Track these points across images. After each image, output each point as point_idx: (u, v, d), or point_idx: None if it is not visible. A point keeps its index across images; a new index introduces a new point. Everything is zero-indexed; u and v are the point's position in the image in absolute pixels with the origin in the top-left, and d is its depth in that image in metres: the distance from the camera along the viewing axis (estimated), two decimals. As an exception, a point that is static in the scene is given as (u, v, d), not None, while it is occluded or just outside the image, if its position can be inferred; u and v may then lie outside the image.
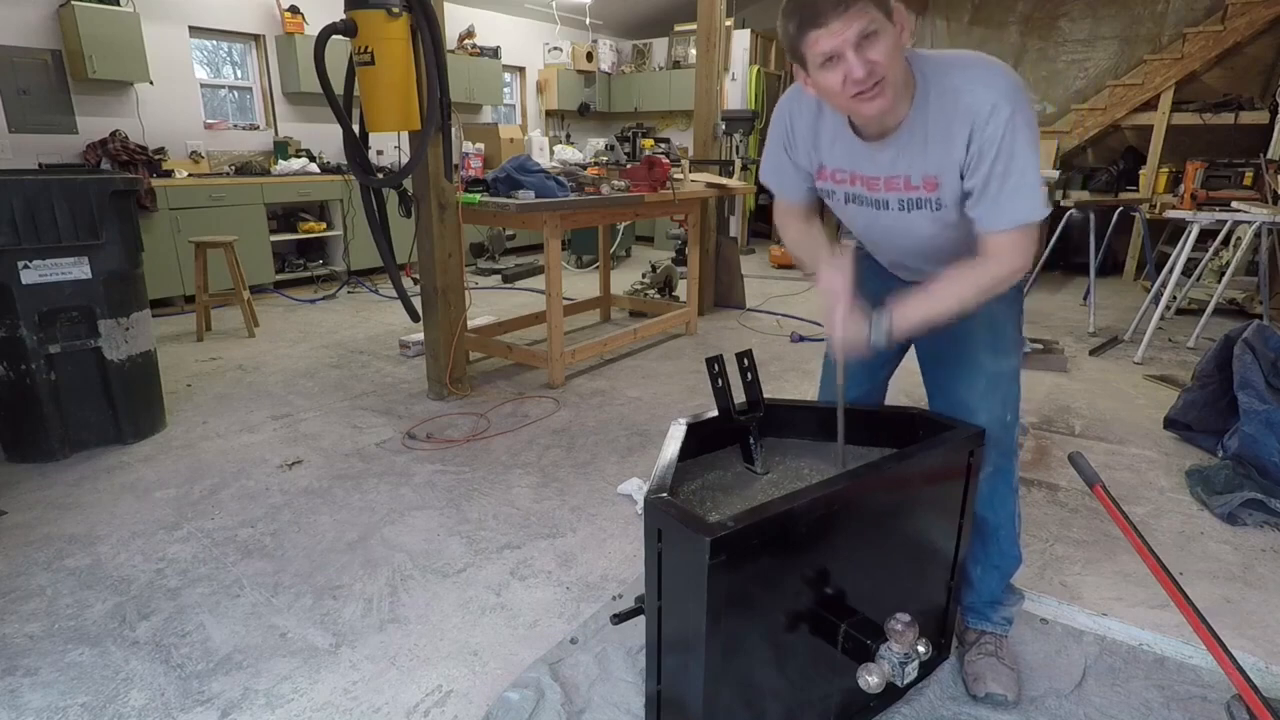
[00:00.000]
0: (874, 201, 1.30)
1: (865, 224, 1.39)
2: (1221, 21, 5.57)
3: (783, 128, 1.37)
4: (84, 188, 2.47)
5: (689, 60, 8.09)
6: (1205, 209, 4.23)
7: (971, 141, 1.14)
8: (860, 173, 1.29)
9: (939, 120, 1.16)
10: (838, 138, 1.29)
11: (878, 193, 1.29)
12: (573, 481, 2.47)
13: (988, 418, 1.38)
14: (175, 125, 5.35)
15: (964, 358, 1.40)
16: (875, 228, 1.38)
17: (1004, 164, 1.14)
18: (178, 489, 2.40)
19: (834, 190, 1.36)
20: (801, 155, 1.36)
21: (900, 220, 1.29)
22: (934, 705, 1.46)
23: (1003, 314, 1.38)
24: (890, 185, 1.26)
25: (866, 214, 1.34)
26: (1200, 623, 1.14)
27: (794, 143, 1.36)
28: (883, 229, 1.36)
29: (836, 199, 1.37)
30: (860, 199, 1.32)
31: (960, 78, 1.15)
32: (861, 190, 1.31)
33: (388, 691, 1.51)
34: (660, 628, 1.15)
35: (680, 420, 1.37)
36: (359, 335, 4.37)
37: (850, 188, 1.32)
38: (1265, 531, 2.12)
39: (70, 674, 1.55)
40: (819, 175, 1.37)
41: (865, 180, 1.29)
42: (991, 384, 1.39)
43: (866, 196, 1.31)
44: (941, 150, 1.18)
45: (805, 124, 1.33)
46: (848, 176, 1.31)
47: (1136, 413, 3.07)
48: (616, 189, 3.68)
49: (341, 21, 2.63)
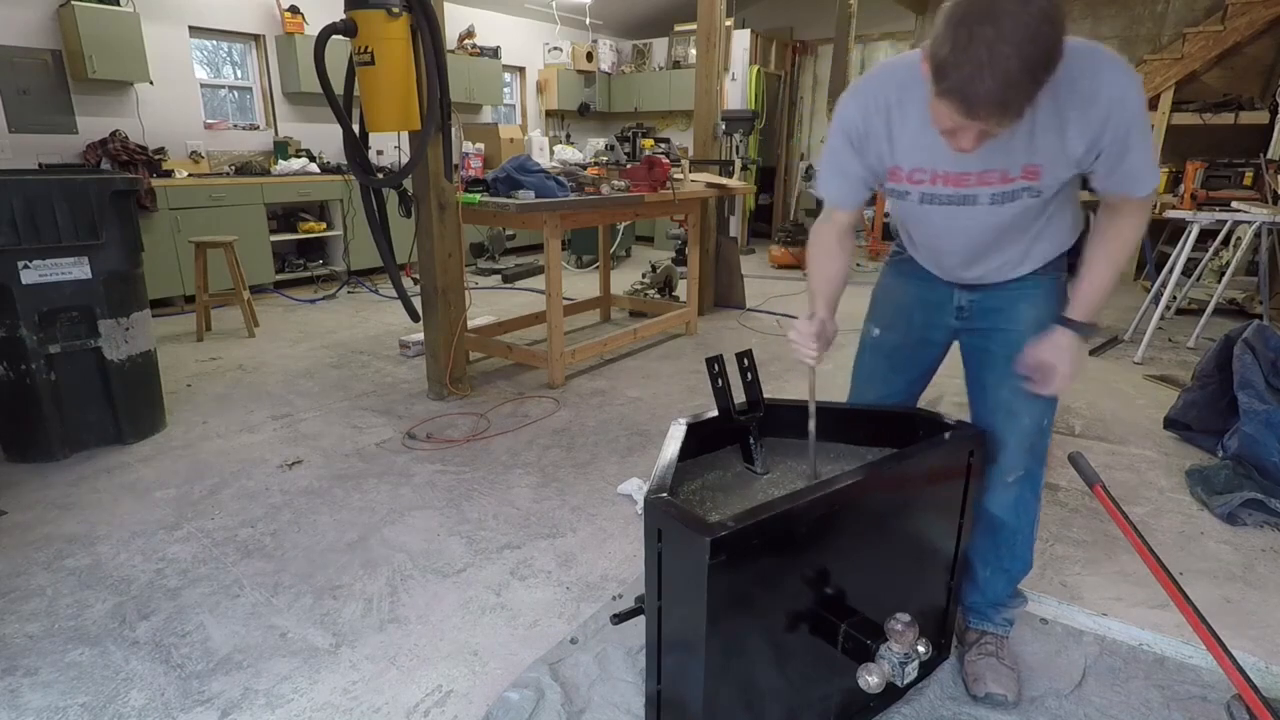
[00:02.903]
0: (960, 198, 1.24)
1: (942, 223, 1.31)
2: (1221, 21, 5.57)
3: (852, 125, 1.28)
4: (84, 188, 2.47)
5: (689, 60, 8.09)
6: (1205, 209, 4.23)
7: (1108, 123, 1.12)
8: (945, 170, 1.22)
9: (1049, 108, 1.11)
10: (923, 132, 1.19)
11: (966, 188, 1.23)
12: (573, 481, 2.46)
13: (1029, 421, 1.38)
14: (175, 125, 5.35)
15: (1011, 361, 1.37)
16: (953, 227, 1.31)
17: (1140, 136, 1.15)
18: (178, 489, 2.40)
19: (909, 191, 1.29)
20: (872, 155, 1.28)
21: (988, 215, 1.25)
22: (934, 705, 1.46)
23: (1051, 317, 1.36)
24: (984, 180, 1.21)
25: (945, 213, 1.28)
26: (1200, 623, 1.14)
27: (865, 143, 1.28)
28: (961, 227, 1.29)
29: (910, 200, 1.30)
30: (941, 198, 1.26)
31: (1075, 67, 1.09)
32: (944, 189, 1.25)
33: (388, 691, 1.51)
34: (660, 628, 1.15)
35: (680, 420, 1.37)
36: (359, 335, 4.37)
37: (929, 187, 1.26)
38: (1265, 531, 2.12)
39: (70, 674, 1.55)
40: (891, 176, 1.29)
41: (953, 177, 1.23)
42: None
43: (950, 194, 1.25)
44: (1052, 138, 1.14)
45: (880, 122, 1.25)
46: (928, 175, 1.25)
47: (1136, 413, 3.07)
48: (616, 189, 3.68)
49: (341, 21, 2.63)
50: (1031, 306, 1.38)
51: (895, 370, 1.56)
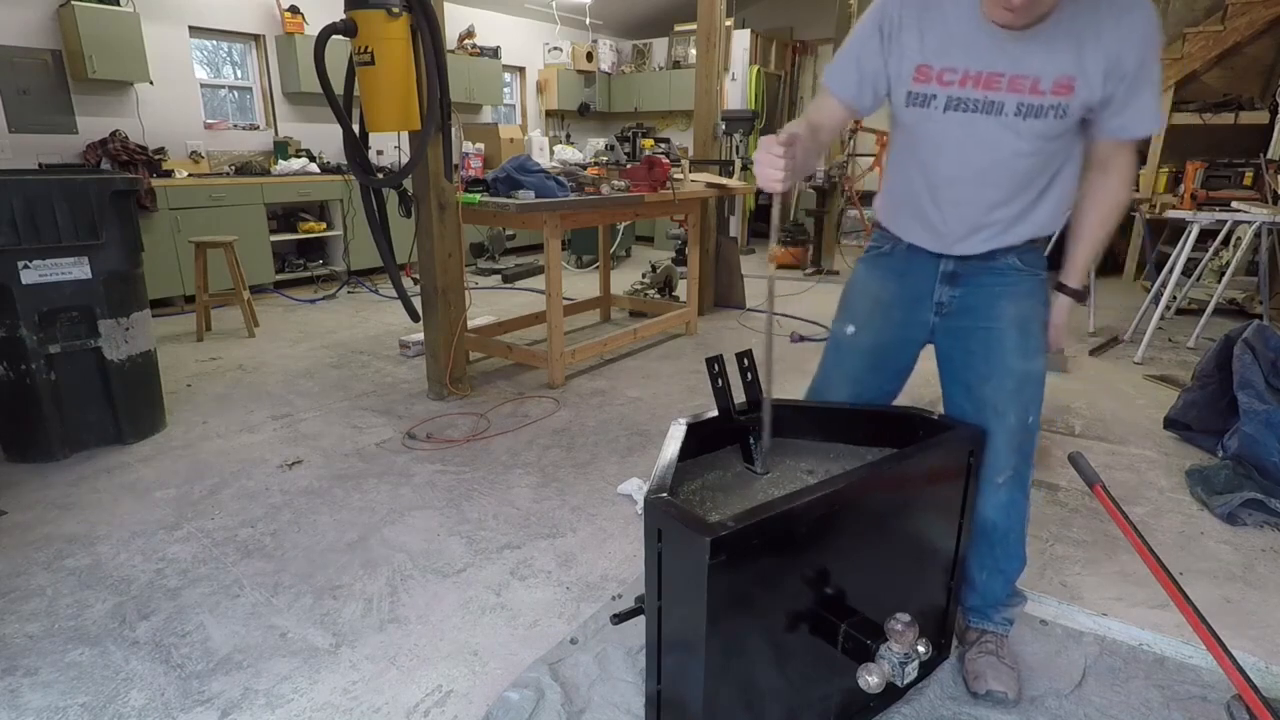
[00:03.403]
0: (986, 104, 1.21)
1: (959, 143, 1.27)
2: (1221, 21, 5.57)
3: (891, 11, 1.25)
4: (84, 188, 2.47)
5: (689, 60, 8.09)
6: (1205, 209, 4.22)
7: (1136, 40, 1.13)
8: (978, 70, 1.20)
9: (1092, 18, 1.13)
10: (960, 26, 1.19)
11: (996, 92, 1.20)
12: (573, 481, 2.46)
13: (1015, 420, 1.37)
14: (175, 125, 5.35)
15: (993, 359, 1.37)
16: (968, 149, 1.26)
17: (1153, 69, 1.17)
18: (178, 489, 2.40)
19: (935, 94, 1.24)
20: (901, 48, 1.25)
21: (1006, 128, 1.22)
22: (934, 705, 1.46)
23: (1032, 315, 1.37)
24: (1014, 85, 1.18)
25: (965, 121, 1.23)
26: (1200, 623, 1.14)
27: (898, 33, 1.24)
28: (976, 141, 1.25)
29: (933, 107, 1.25)
30: (968, 103, 1.22)
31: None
32: (973, 92, 1.21)
33: (388, 691, 1.51)
34: (660, 628, 1.15)
35: (680, 420, 1.37)
36: (359, 335, 4.37)
37: (959, 90, 1.22)
38: (1265, 531, 2.12)
39: (70, 674, 1.55)
40: (917, 77, 1.25)
41: (984, 78, 1.20)
42: (1019, 385, 1.37)
43: (978, 99, 1.21)
44: (1093, 49, 1.14)
45: (914, 14, 1.23)
46: (959, 75, 1.21)
47: (1136, 413, 3.07)
48: (616, 189, 3.68)
49: (341, 21, 2.63)
50: (1012, 303, 1.37)
51: (872, 369, 1.51)
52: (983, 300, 1.39)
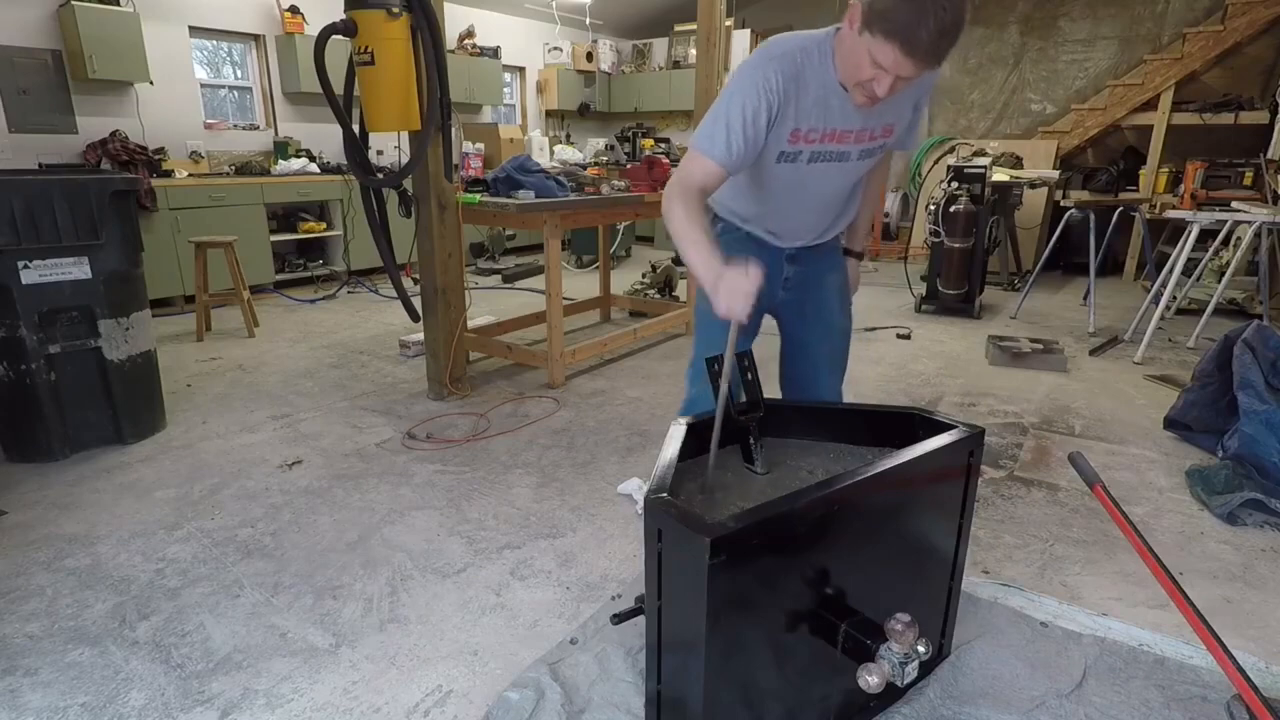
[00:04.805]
0: (839, 155, 1.46)
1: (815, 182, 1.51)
2: (1221, 21, 5.57)
3: (773, 90, 1.35)
4: (84, 188, 2.47)
5: (689, 60, 8.09)
6: (1205, 209, 4.23)
7: (924, 88, 1.45)
8: (834, 128, 1.42)
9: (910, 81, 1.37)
10: (819, 92, 1.39)
11: (845, 145, 1.45)
12: (573, 481, 2.46)
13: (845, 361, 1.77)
14: (175, 125, 5.35)
15: (824, 316, 1.71)
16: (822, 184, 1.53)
17: (926, 104, 1.55)
18: (177, 489, 2.40)
19: (801, 151, 1.45)
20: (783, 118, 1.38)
21: (848, 170, 1.50)
22: (934, 705, 1.45)
23: (844, 280, 1.76)
24: (860, 137, 1.44)
25: (821, 170, 1.48)
26: (1200, 623, 1.14)
27: (784, 107, 1.37)
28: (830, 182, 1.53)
29: (799, 161, 1.46)
30: (824, 154, 1.46)
31: None
32: (829, 146, 1.44)
33: (388, 691, 1.51)
34: (660, 628, 1.15)
35: (680, 420, 1.37)
36: (359, 335, 4.37)
37: (819, 145, 1.44)
38: (1265, 531, 2.12)
39: (70, 674, 1.55)
40: (791, 139, 1.43)
41: (837, 134, 1.43)
42: (843, 339, 1.75)
43: (832, 151, 1.45)
44: (904, 98, 1.41)
45: (793, 88, 1.38)
46: (819, 135, 1.42)
47: (1136, 413, 3.06)
48: (616, 189, 3.68)
49: (341, 21, 2.63)
50: (836, 274, 1.73)
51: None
52: (815, 274, 1.70)
